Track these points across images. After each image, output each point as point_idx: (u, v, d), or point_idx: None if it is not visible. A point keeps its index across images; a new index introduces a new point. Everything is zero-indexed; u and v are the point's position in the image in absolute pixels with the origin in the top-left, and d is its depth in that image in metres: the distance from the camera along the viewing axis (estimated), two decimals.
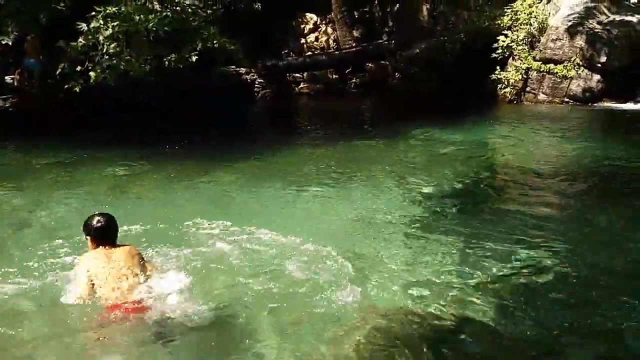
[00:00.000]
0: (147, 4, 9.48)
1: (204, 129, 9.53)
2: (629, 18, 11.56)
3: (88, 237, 3.37)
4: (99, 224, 3.34)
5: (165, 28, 8.65)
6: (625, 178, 6.06)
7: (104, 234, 3.35)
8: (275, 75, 14.41)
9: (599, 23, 11.53)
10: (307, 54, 16.19)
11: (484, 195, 5.56)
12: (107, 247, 3.30)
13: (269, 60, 14.65)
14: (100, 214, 3.44)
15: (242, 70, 13.61)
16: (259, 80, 13.75)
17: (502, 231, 4.44)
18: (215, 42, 9.21)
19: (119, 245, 3.38)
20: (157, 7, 10.14)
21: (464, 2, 14.95)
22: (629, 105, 10.79)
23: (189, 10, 10.81)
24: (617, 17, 11.61)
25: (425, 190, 5.63)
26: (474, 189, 5.72)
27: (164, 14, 8.83)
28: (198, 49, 8.76)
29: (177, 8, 10.20)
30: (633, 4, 12.62)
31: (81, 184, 5.97)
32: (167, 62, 8.80)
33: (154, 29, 8.46)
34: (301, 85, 15.57)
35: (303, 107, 13.22)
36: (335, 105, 13.27)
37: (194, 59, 8.61)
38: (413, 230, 4.51)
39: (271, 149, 7.70)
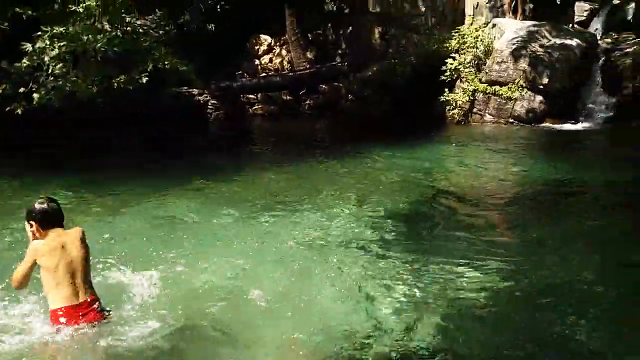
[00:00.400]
0: (96, 24, 9.29)
1: (154, 152, 9.35)
2: (568, 42, 12.20)
3: (33, 223, 3.14)
4: (45, 207, 3.15)
5: (115, 48, 8.50)
6: (565, 196, 6.33)
7: (53, 217, 3.16)
8: (229, 96, 14.37)
9: (541, 46, 12.11)
10: (261, 75, 16.25)
11: (433, 216, 5.67)
12: (56, 232, 3.13)
13: (223, 81, 14.62)
14: (42, 198, 3.25)
15: (195, 91, 13.51)
16: (212, 102, 13.68)
17: (450, 252, 4.54)
18: (166, 62, 9.10)
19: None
20: (106, 27, 9.97)
21: (414, 26, 15.42)
22: (569, 126, 11.34)
23: (140, 30, 10.66)
24: (558, 41, 12.22)
25: (377, 212, 5.69)
26: (423, 210, 5.82)
27: (114, 34, 8.67)
28: (149, 69, 8.62)
29: (128, 28, 10.05)
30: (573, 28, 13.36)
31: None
32: (115, 84, 8.62)
33: (103, 49, 8.29)
34: (255, 107, 15.57)
35: (257, 129, 13.21)
36: (289, 126, 13.33)
37: (144, 80, 8.47)
38: (363, 253, 4.53)
39: (223, 171, 7.63)
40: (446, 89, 12.52)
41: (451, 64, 12.49)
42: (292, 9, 16.12)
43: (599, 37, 13.49)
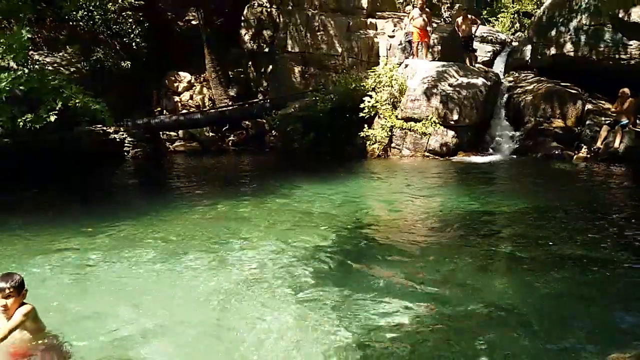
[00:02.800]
0: (1, 62, 8.81)
1: (66, 192, 8.81)
2: (474, 81, 13.10)
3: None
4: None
5: (21, 87, 8.06)
6: (479, 224, 6.63)
7: None
8: (147, 133, 13.98)
9: (450, 85, 12.90)
10: (181, 112, 16.00)
11: (356, 250, 5.72)
12: None
13: (140, 119, 14.23)
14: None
15: (111, 129, 13.00)
16: (129, 139, 13.21)
17: (372, 284, 4.59)
18: (77, 101, 8.73)
19: None
20: (12, 65, 9.46)
21: (332, 65, 15.94)
22: (479, 158, 12.06)
23: (49, 68, 10.20)
24: (465, 80, 13.09)
25: (302, 248, 5.66)
26: (347, 244, 5.87)
27: (19, 72, 8.24)
28: (57, 108, 8.22)
29: (36, 66, 9.57)
30: (478, 67, 14.37)
31: None
32: (22, 123, 8.13)
33: (7, 88, 7.81)
34: (176, 144, 15.26)
35: (178, 166, 12.85)
36: (212, 163, 13.13)
37: (52, 118, 8.07)
38: (289, 291, 4.47)
39: (140, 211, 7.30)
40: (365, 125, 12.93)
41: (369, 101, 12.96)
42: (211, 47, 16.14)
43: (502, 76, 14.64)
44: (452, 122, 12.45)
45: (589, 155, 11.15)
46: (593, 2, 12.71)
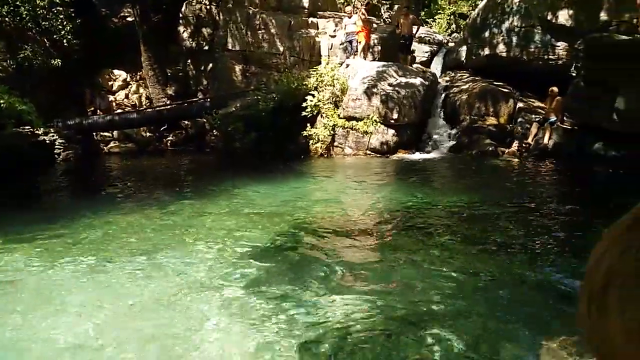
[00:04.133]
0: None
1: None
2: (412, 80, 13.38)
3: None
4: None
5: None
6: (415, 218, 6.76)
7: None
8: (79, 134, 13.34)
9: (390, 85, 13.11)
10: (116, 111, 15.39)
11: (300, 249, 5.67)
12: None
13: (72, 119, 13.56)
14: None
15: (40, 130, 12.28)
16: (60, 141, 12.55)
17: (315, 282, 4.55)
18: (2, 102, 8.18)
19: None
20: None
21: (274, 64, 15.83)
22: (418, 155, 12.34)
23: None
24: (404, 80, 13.35)
25: (244, 250, 5.54)
26: (291, 243, 5.80)
27: None
28: None
29: None
30: (416, 67, 14.71)
31: None
32: None
33: None
34: (111, 145, 14.68)
35: (112, 169, 12.33)
36: (150, 164, 12.69)
37: None
38: (229, 294, 4.35)
39: (68, 217, 6.90)
40: (308, 124, 12.92)
41: (311, 100, 12.96)
42: (147, 44, 15.61)
43: (439, 76, 15.04)
44: (392, 121, 12.66)
45: (519, 151, 11.64)
46: (524, 5, 13.30)
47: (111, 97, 16.12)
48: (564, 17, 12.45)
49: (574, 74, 11.29)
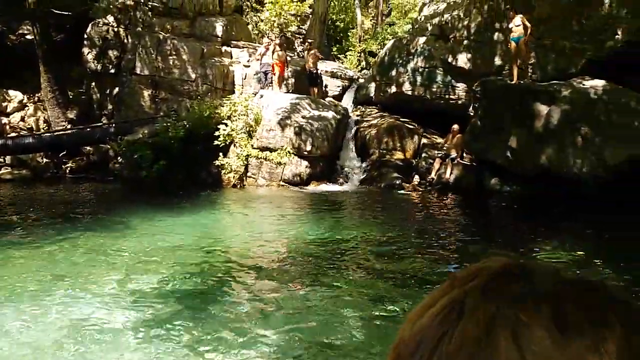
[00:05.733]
0: None
1: None
2: (325, 114, 13.69)
3: None
4: None
5: None
6: (326, 252, 6.81)
7: None
8: None
9: (304, 117, 13.31)
10: (9, 135, 14.20)
11: (204, 287, 5.46)
12: None
13: None
14: None
15: None
16: None
17: (219, 321, 4.40)
18: None
19: None
20: None
21: (185, 90, 15.50)
22: (331, 187, 12.56)
23: None
24: (317, 113, 13.62)
25: (146, 288, 5.25)
26: (197, 280, 5.59)
27: None
28: None
29: None
30: (329, 100, 15.08)
31: None
32: None
33: None
34: (2, 171, 13.49)
35: (3, 198, 11.27)
36: (46, 193, 11.75)
37: None
38: (127, 337, 4.08)
39: None
40: (221, 154, 12.71)
41: (224, 129, 12.79)
42: (48, 65, 14.68)
43: (350, 110, 15.53)
44: (306, 153, 12.82)
45: (420, 186, 12.26)
46: (427, 47, 14.20)
47: (4, 120, 14.87)
48: (462, 60, 13.45)
49: (472, 113, 12.17)
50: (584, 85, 10.65)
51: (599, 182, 9.69)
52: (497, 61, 12.93)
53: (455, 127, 12.36)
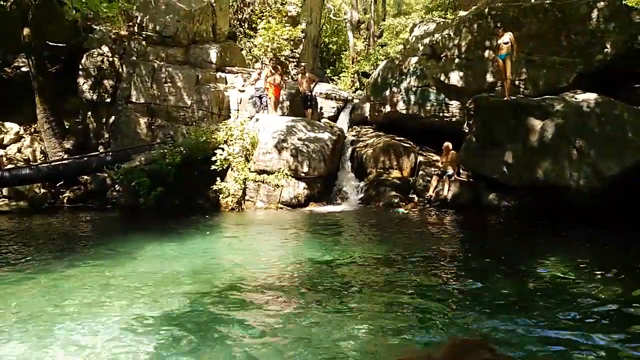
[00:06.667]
0: None
1: None
2: (321, 135, 13.79)
3: None
4: None
5: None
6: (327, 275, 6.78)
7: None
8: None
9: (300, 139, 13.41)
10: (6, 167, 14.21)
11: (205, 314, 5.42)
12: None
13: None
14: None
15: None
16: None
17: (223, 349, 4.36)
18: None
19: None
20: None
21: (181, 117, 15.59)
22: (329, 208, 12.59)
23: None
24: (312, 134, 13.72)
25: (151, 315, 5.20)
26: (199, 308, 5.54)
27: None
28: None
29: None
30: (324, 122, 15.20)
31: None
32: None
33: None
34: None
35: (0, 230, 11.21)
36: (43, 224, 11.70)
37: None
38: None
39: None
40: (218, 178, 12.74)
41: (221, 154, 12.86)
42: (44, 96, 14.79)
43: (346, 130, 15.65)
44: (303, 174, 12.86)
45: (419, 204, 12.28)
46: (419, 66, 14.39)
47: (1, 151, 14.90)
48: (455, 78, 13.62)
49: (466, 130, 12.27)
50: (576, 99, 10.79)
51: (595, 193, 9.74)
52: (489, 78, 13.10)
53: (448, 144, 12.46)
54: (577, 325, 4.62)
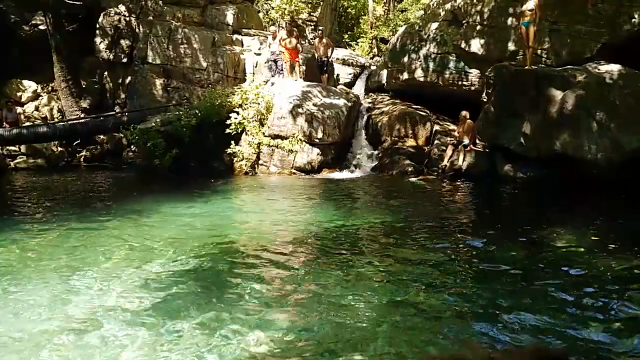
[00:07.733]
0: None
1: None
2: (336, 101, 13.66)
3: None
4: None
5: None
6: (340, 239, 6.83)
7: None
8: None
9: (315, 105, 13.30)
10: (24, 124, 14.37)
11: (219, 273, 5.52)
12: None
13: None
14: None
15: None
16: None
17: (238, 307, 4.45)
18: None
19: None
20: None
21: (197, 79, 15.53)
22: (342, 174, 12.58)
23: None
24: (328, 100, 13.60)
25: (165, 270, 5.33)
26: (209, 267, 5.64)
27: None
28: None
29: None
30: (340, 88, 15.04)
31: None
32: None
33: None
34: (18, 160, 13.68)
35: (17, 186, 11.44)
36: (61, 181, 11.90)
37: None
38: (151, 319, 4.15)
39: None
40: (232, 142, 12.76)
41: (235, 118, 12.84)
42: (61, 55, 14.80)
43: (362, 97, 15.47)
44: (317, 140, 12.82)
45: (433, 173, 12.21)
46: (439, 33, 14.06)
47: (19, 109, 15.04)
48: (476, 46, 13.30)
49: (485, 99, 12.06)
50: (599, 70, 10.49)
51: (613, 167, 9.58)
52: (511, 46, 12.77)
53: (465, 113, 12.26)
54: (592, 299, 4.62)
